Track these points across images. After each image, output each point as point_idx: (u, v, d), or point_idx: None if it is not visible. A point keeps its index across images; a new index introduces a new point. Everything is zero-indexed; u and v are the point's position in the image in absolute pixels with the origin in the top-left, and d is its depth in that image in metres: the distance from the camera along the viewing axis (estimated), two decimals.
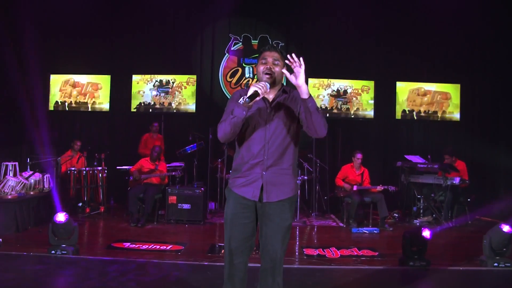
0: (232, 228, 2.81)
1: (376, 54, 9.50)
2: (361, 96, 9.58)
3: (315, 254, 5.50)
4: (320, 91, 9.60)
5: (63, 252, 5.15)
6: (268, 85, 2.67)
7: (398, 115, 9.58)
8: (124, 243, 5.86)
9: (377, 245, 6.03)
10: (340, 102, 9.58)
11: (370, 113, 9.56)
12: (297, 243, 6.33)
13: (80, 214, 7.93)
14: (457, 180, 7.46)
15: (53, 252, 5.14)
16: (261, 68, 2.78)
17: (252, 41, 9.86)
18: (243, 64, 9.84)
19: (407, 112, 9.55)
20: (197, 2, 9.63)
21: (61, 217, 5.08)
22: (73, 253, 5.16)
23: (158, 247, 5.72)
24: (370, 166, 8.22)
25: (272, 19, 9.70)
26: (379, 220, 7.34)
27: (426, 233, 4.83)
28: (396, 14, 9.40)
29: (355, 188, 7.53)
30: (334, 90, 9.61)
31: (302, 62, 2.56)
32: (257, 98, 2.59)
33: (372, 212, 7.61)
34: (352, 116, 9.58)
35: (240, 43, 9.88)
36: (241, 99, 2.59)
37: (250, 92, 2.58)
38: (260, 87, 2.58)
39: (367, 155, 8.33)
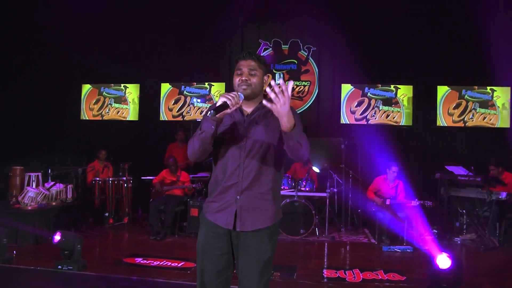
0: (204, 260, 2.44)
1: (414, 56, 8.80)
2: (398, 102, 8.96)
3: (335, 276, 5.02)
4: (353, 97, 9.07)
5: (69, 267, 5.00)
6: (242, 96, 2.32)
7: (439, 121, 8.85)
8: (136, 258, 5.63)
9: (407, 267, 5.46)
10: (376, 109, 9.00)
11: (408, 120, 8.91)
12: (320, 262, 5.86)
13: (106, 225, 7.81)
14: (503, 195, 6.71)
15: (59, 267, 5.02)
16: (237, 80, 2.43)
17: (283, 46, 9.48)
18: (273, 70, 9.46)
19: (449, 118, 8.81)
20: (225, 8, 9.35)
21: (57, 237, 4.98)
22: (79, 269, 5.00)
23: (169, 263, 5.44)
24: (407, 177, 7.61)
25: (303, 23, 9.26)
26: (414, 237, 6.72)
27: (443, 261, 4.17)
28: (435, 13, 8.68)
29: (388, 202, 6.96)
30: (368, 96, 9.05)
31: (286, 88, 2.04)
32: (227, 111, 2.23)
33: (408, 229, 6.97)
34: (388, 124, 8.96)
35: (270, 49, 9.52)
36: (208, 112, 2.24)
37: (218, 103, 2.22)
38: (230, 98, 2.21)
39: (404, 165, 7.71)
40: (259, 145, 2.39)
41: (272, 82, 2.08)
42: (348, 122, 9.06)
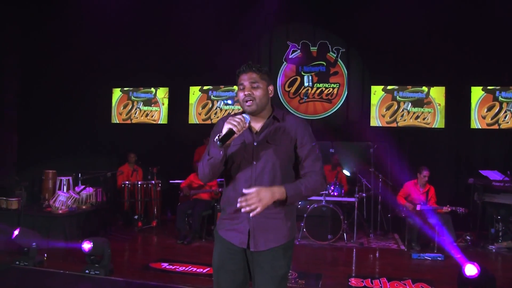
0: (220, 276, 2.45)
1: (447, 56, 8.49)
2: (430, 103, 8.71)
3: (361, 285, 4.91)
4: (384, 98, 8.87)
5: (96, 272, 5.07)
6: (248, 118, 2.28)
7: (473, 124, 8.54)
8: (162, 263, 5.67)
9: (437, 276, 5.29)
10: (406, 110, 8.78)
11: (440, 122, 8.65)
12: (347, 269, 5.75)
13: (135, 228, 7.91)
14: None
15: (87, 271, 5.09)
16: (241, 96, 2.38)
17: (311, 48, 9.35)
18: (302, 73, 9.37)
19: (483, 121, 8.51)
20: (253, 11, 9.30)
21: (86, 245, 5.05)
22: (106, 274, 5.07)
23: (194, 269, 5.46)
24: (438, 182, 7.40)
25: (331, 24, 9.11)
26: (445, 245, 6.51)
27: (471, 270, 4.03)
28: (468, 10, 8.36)
29: (418, 208, 6.78)
30: (399, 98, 8.84)
31: (252, 202, 2.16)
32: (234, 136, 2.21)
33: (440, 235, 6.76)
34: (420, 126, 8.73)
35: (299, 51, 9.42)
36: (216, 137, 2.20)
37: (223, 131, 2.19)
38: (235, 124, 2.18)
39: (436, 170, 7.51)
40: (270, 164, 2.35)
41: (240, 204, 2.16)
42: (378, 125, 8.87)
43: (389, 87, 8.90)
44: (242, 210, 2.18)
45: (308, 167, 2.40)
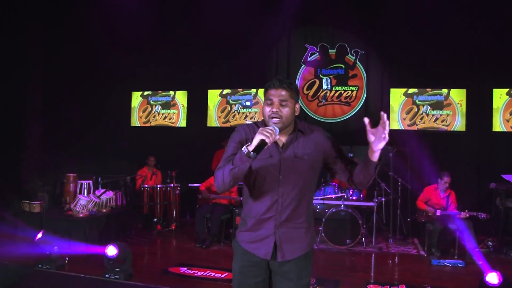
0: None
1: (468, 58, 8.37)
2: (450, 105, 8.58)
3: None
4: (403, 101, 8.78)
5: (116, 276, 5.13)
6: (278, 130, 2.24)
7: (496, 127, 8.38)
8: (181, 268, 5.72)
9: (458, 284, 5.22)
10: (425, 113, 8.67)
11: (461, 125, 8.52)
12: (365, 275, 5.71)
13: (154, 231, 7.99)
14: None
15: (107, 276, 5.16)
16: (267, 110, 2.34)
17: (330, 50, 9.31)
18: (320, 76, 9.34)
19: (508, 123, 8.34)
20: (271, 13, 9.29)
21: (112, 251, 5.10)
22: (126, 278, 5.13)
23: (213, 274, 5.49)
24: (459, 187, 7.29)
25: (350, 26, 9.02)
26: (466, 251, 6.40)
27: (493, 279, 3.97)
28: (488, 11, 8.19)
29: (438, 213, 6.69)
30: (418, 102, 8.73)
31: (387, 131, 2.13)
32: (265, 147, 2.18)
33: (460, 241, 6.65)
34: (440, 129, 8.61)
35: (317, 53, 9.39)
36: (244, 148, 2.17)
37: (255, 142, 2.15)
38: (267, 135, 2.14)
39: (457, 174, 7.40)
40: (296, 178, 2.36)
41: (385, 118, 2.13)
42: (397, 128, 8.77)
43: (409, 91, 8.78)
44: (385, 119, 2.13)
45: (351, 162, 2.42)
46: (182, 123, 10.09)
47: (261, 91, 9.49)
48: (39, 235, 5.56)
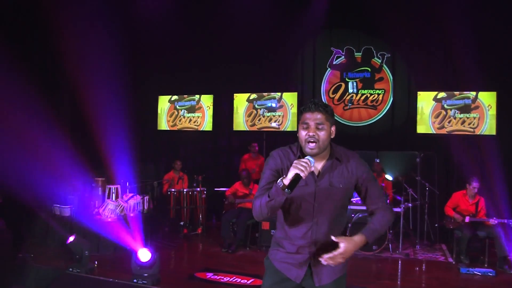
0: None
1: (499, 60, 8.15)
2: (478, 107, 8.40)
3: None
4: (431, 105, 8.63)
5: (144, 282, 5.22)
6: (313, 161, 2.24)
7: None
8: (207, 273, 5.78)
9: None
10: (452, 117, 8.50)
11: (491, 129, 8.32)
12: (391, 283, 5.66)
13: (181, 234, 8.08)
14: None
15: (135, 281, 5.24)
16: (303, 134, 2.33)
17: (356, 53, 9.24)
18: (346, 79, 9.27)
19: None
20: (297, 17, 9.28)
21: (145, 256, 5.18)
22: (153, 283, 5.21)
23: (239, 280, 5.53)
24: (489, 193, 7.13)
25: (376, 29, 8.89)
26: (497, 259, 6.27)
27: None
28: None
29: (467, 219, 6.56)
30: (447, 105, 8.58)
31: (337, 260, 2.28)
32: (300, 181, 2.19)
33: (490, 249, 6.51)
34: (469, 133, 8.44)
35: (343, 57, 9.33)
36: (280, 181, 2.19)
37: (290, 176, 2.16)
38: (302, 169, 2.14)
39: (486, 179, 7.25)
40: (331, 206, 2.38)
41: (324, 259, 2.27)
42: (425, 132, 8.63)
43: (438, 96, 8.62)
44: (323, 261, 2.26)
45: (377, 203, 2.47)
46: (208, 126, 10.14)
47: (286, 95, 9.48)
48: (71, 239, 5.69)
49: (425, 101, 8.67)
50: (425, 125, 8.64)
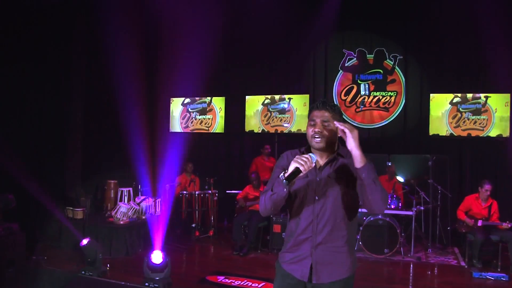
0: None
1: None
2: (494, 111, 8.29)
3: None
4: (444, 107, 8.54)
5: (156, 285, 5.25)
6: (315, 158, 2.27)
7: None
8: (219, 277, 5.81)
9: None
10: (467, 118, 8.40)
11: (505, 131, 8.21)
12: (403, 287, 5.63)
13: (192, 236, 8.13)
14: None
15: (146, 284, 5.28)
16: (310, 130, 2.39)
17: (368, 55, 9.20)
18: (358, 81, 9.24)
19: None
20: (308, 18, 9.27)
21: (157, 258, 5.21)
22: (165, 287, 5.25)
23: (250, 283, 5.54)
24: (503, 196, 7.06)
25: (388, 31, 8.90)
26: (510, 264, 6.19)
27: None
28: None
29: (480, 223, 6.50)
30: (462, 108, 8.47)
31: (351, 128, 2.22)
32: (301, 175, 2.22)
33: (503, 253, 6.44)
34: (483, 135, 8.33)
35: (355, 59, 9.29)
36: (281, 174, 2.25)
37: (290, 169, 2.21)
38: (302, 163, 2.19)
39: (500, 183, 7.17)
40: (332, 200, 2.38)
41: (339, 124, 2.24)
42: (437, 133, 8.54)
43: (454, 100, 8.51)
44: (337, 125, 2.26)
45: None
46: (219, 128, 10.14)
47: (296, 97, 9.43)
48: (85, 241, 5.74)
49: (443, 103, 8.53)
50: (438, 127, 8.50)
